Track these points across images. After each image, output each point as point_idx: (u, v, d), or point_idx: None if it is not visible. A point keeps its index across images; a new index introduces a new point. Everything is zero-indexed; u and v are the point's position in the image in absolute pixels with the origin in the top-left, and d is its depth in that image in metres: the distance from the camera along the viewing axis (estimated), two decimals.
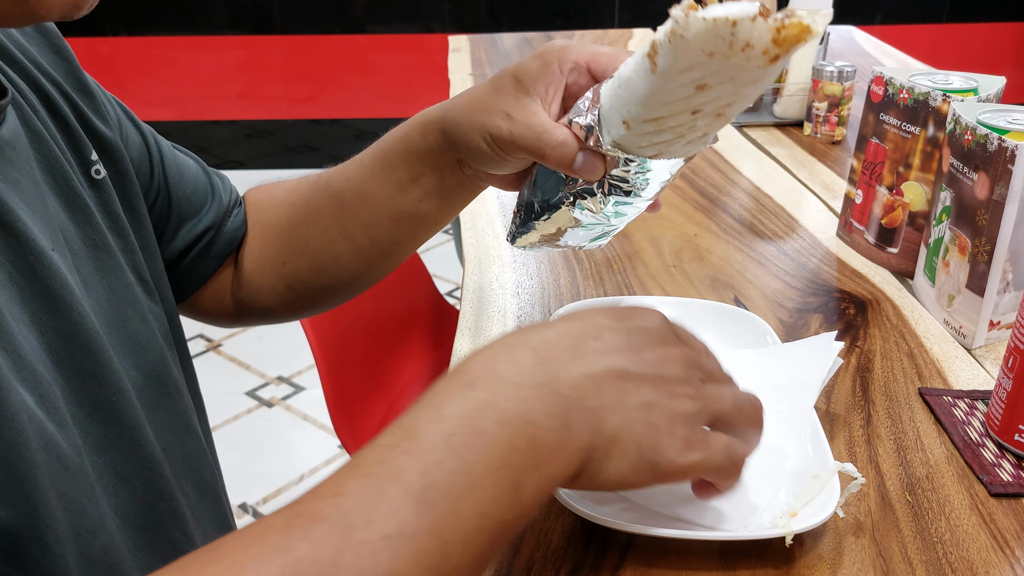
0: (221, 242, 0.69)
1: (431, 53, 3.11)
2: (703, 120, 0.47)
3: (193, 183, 0.67)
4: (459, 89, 1.58)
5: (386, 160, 0.63)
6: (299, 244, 0.68)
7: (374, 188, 0.64)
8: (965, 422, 0.66)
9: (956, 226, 0.77)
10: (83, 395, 0.46)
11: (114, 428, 0.48)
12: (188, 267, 0.68)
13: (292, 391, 2.16)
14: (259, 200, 0.72)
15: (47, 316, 0.45)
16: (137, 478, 0.49)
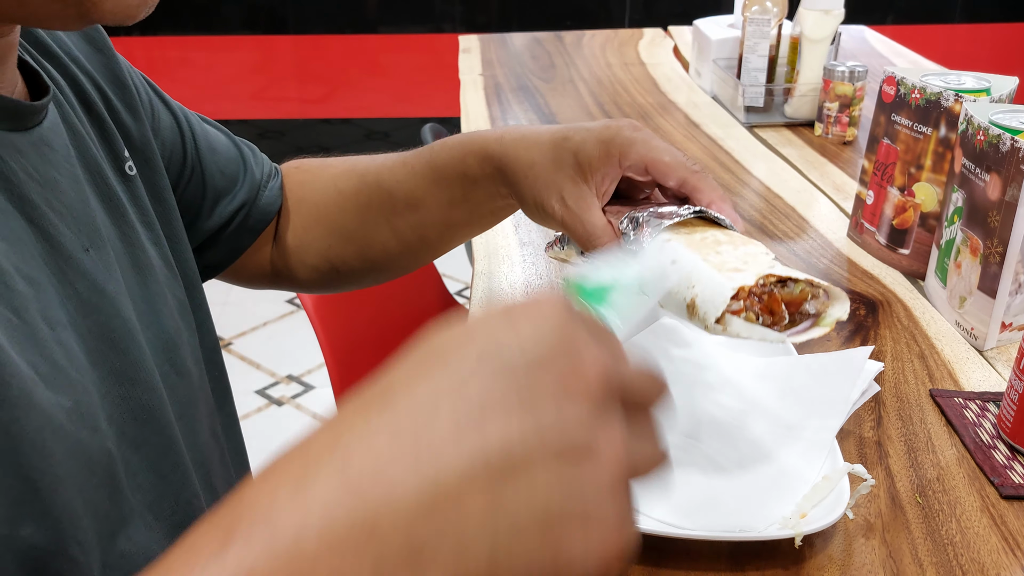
0: (256, 216, 0.70)
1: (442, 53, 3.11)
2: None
3: (225, 156, 0.68)
4: (469, 90, 1.58)
5: (439, 175, 0.65)
6: (347, 231, 0.70)
7: (426, 197, 0.66)
8: (976, 424, 0.66)
9: (968, 227, 0.77)
10: (118, 394, 0.46)
11: (148, 426, 0.48)
12: (225, 241, 0.69)
13: (302, 390, 2.17)
14: (303, 179, 0.73)
15: (81, 318, 0.45)
16: (173, 474, 0.49)
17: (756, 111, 1.39)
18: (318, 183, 0.72)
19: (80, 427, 0.41)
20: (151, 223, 0.56)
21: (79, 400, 0.42)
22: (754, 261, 0.48)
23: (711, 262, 0.48)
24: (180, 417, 0.52)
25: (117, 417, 0.46)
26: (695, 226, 0.53)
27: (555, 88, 1.58)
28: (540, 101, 1.51)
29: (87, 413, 0.42)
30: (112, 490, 0.43)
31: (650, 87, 1.57)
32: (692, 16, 1.70)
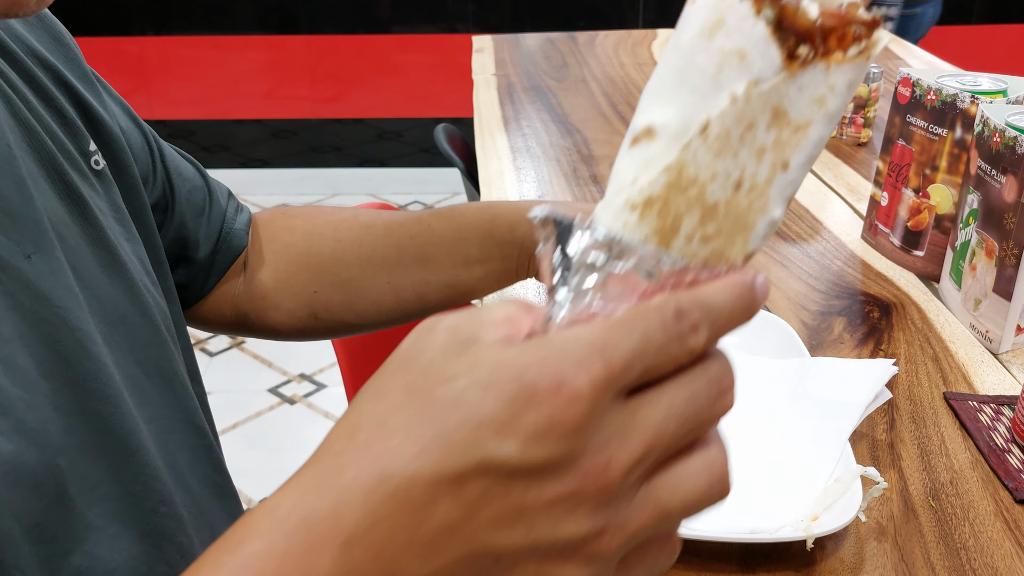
0: (222, 251, 0.67)
1: (455, 54, 3.12)
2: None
3: (191, 183, 0.66)
4: (482, 90, 1.58)
5: (462, 234, 0.64)
6: (340, 281, 0.68)
7: (440, 255, 0.65)
8: (991, 427, 0.65)
9: (983, 229, 0.76)
10: (74, 406, 0.44)
11: (106, 436, 0.46)
12: (193, 274, 0.67)
13: (314, 388, 2.18)
14: (292, 224, 0.71)
15: (27, 328, 0.43)
16: (134, 483, 0.47)
17: None
18: (313, 229, 0.70)
19: (23, 448, 0.39)
20: (124, 221, 0.54)
21: (22, 419, 0.40)
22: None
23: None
24: (151, 420, 0.50)
25: (76, 428, 0.44)
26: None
27: (568, 88, 1.58)
28: (553, 101, 1.51)
29: (33, 431, 0.40)
30: (61, 509, 0.42)
31: None
32: None
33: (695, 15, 0.26)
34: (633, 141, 0.27)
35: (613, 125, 1.38)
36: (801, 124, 0.26)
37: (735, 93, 0.25)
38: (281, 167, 3.34)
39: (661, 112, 0.27)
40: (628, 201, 0.27)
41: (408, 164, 3.36)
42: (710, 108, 0.26)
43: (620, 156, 0.28)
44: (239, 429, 2.00)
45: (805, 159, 0.27)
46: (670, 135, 0.27)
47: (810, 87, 0.25)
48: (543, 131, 1.36)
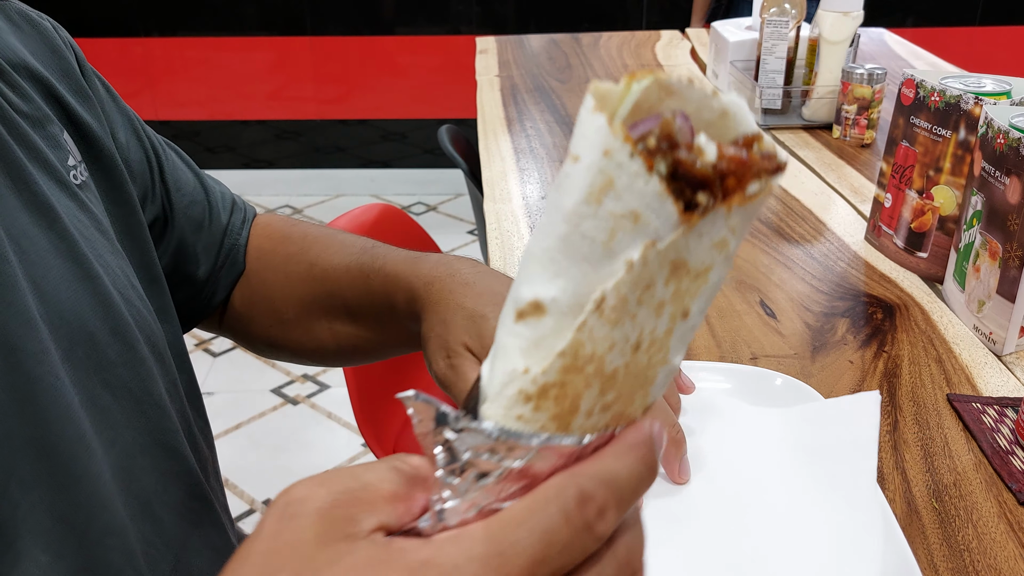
0: (227, 271, 0.67)
1: (459, 55, 3.12)
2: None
3: (190, 196, 0.65)
4: (486, 91, 1.58)
5: (373, 298, 0.61)
6: (286, 320, 0.67)
7: (364, 313, 0.63)
8: (994, 429, 0.65)
9: (987, 231, 0.76)
10: (11, 430, 0.42)
11: (44, 463, 0.44)
12: (192, 295, 0.66)
13: (317, 389, 2.18)
14: (262, 249, 0.70)
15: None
16: (75, 513, 0.44)
17: (773, 113, 1.39)
18: (273, 260, 0.68)
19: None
20: (106, 234, 0.52)
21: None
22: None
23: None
24: (112, 443, 0.48)
25: (10, 453, 0.42)
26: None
27: (571, 89, 1.58)
28: (556, 102, 1.51)
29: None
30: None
31: None
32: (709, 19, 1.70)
33: (578, 177, 0.23)
34: (519, 315, 0.25)
35: None
36: (701, 271, 0.24)
37: (631, 260, 0.23)
38: (285, 168, 3.34)
39: (548, 286, 0.24)
40: (521, 393, 0.25)
41: (412, 165, 3.36)
42: (604, 278, 0.23)
43: (503, 329, 0.25)
44: (242, 429, 2.00)
45: (705, 303, 0.25)
46: (560, 312, 0.24)
47: (710, 233, 0.23)
48: (546, 132, 1.36)
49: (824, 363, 0.76)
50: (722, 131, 0.24)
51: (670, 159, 0.23)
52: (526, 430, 0.25)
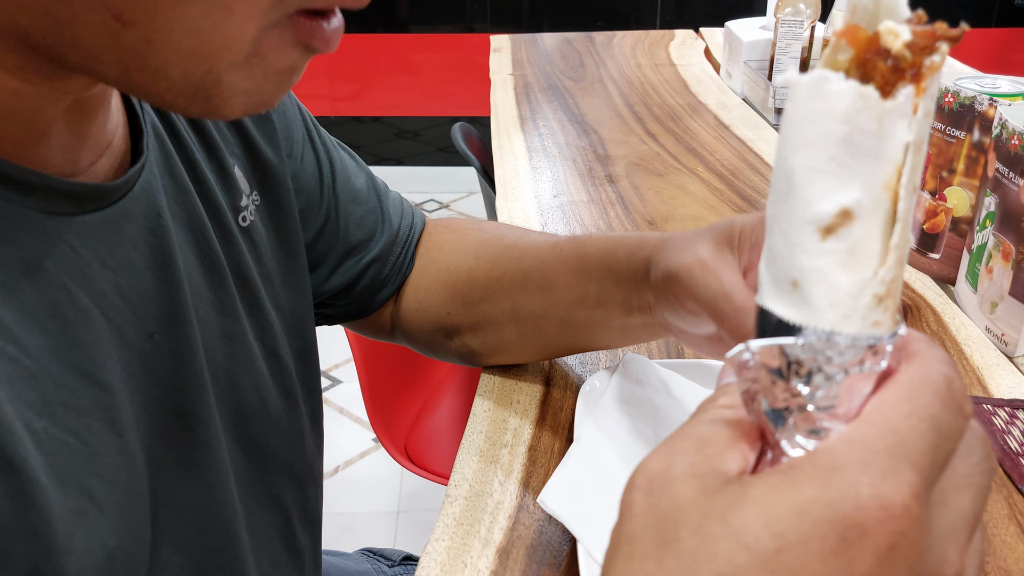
0: (390, 283, 0.67)
1: (472, 53, 3.12)
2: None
3: (364, 207, 0.65)
4: (499, 89, 1.59)
5: (583, 264, 0.57)
6: (469, 302, 0.64)
7: (559, 284, 0.59)
8: (1005, 431, 0.65)
9: (1000, 232, 0.76)
10: (184, 498, 0.43)
11: (196, 526, 0.43)
12: (352, 300, 0.66)
13: (329, 384, 2.19)
14: (445, 239, 0.69)
15: (141, 412, 0.40)
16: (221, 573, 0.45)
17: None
18: (461, 244, 0.67)
19: (123, 540, 0.37)
20: (266, 273, 0.52)
21: (121, 510, 0.37)
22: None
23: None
24: (241, 502, 0.48)
25: (169, 517, 0.42)
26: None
27: (584, 88, 1.58)
28: (570, 101, 1.51)
29: (130, 519, 0.38)
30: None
31: (680, 88, 1.57)
32: (723, 18, 1.70)
33: (840, 81, 0.24)
34: (826, 231, 0.24)
35: (629, 125, 1.38)
36: (921, 143, 0.25)
37: (907, 141, 0.24)
38: None
39: (847, 191, 0.24)
40: (875, 297, 0.25)
41: (425, 163, 3.37)
42: (886, 167, 0.24)
43: (805, 255, 0.25)
44: None
45: (919, 178, 0.26)
46: (866, 212, 0.24)
47: (927, 103, 0.25)
48: (559, 131, 1.36)
49: None
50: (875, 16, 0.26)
51: (885, 58, 0.24)
52: (882, 332, 0.25)
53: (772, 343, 0.25)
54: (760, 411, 0.26)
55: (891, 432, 0.24)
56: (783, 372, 0.25)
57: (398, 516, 1.80)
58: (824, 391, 0.25)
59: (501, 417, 0.67)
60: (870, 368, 0.25)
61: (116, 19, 0.30)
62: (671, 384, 0.67)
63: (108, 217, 0.39)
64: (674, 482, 0.25)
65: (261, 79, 0.34)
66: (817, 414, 0.25)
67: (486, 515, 0.58)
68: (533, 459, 0.63)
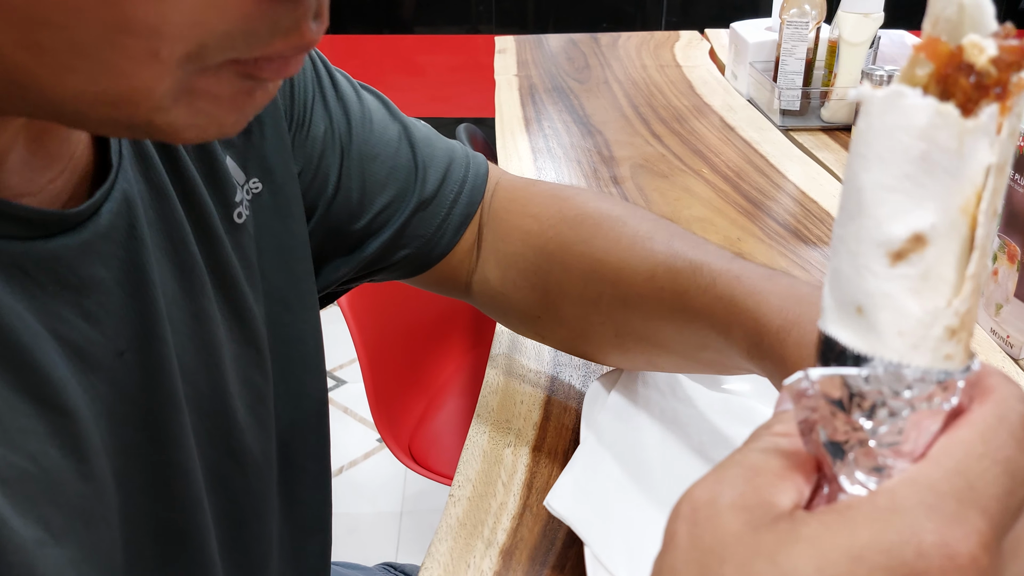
0: (445, 237, 0.59)
1: (477, 54, 3.12)
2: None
3: (388, 165, 0.58)
4: (504, 90, 1.59)
5: (722, 328, 0.50)
6: (561, 316, 0.59)
7: (681, 331, 0.52)
8: None
9: (1006, 234, 0.76)
10: (155, 518, 0.41)
11: (171, 546, 0.42)
12: (405, 260, 0.60)
13: (334, 384, 2.19)
14: (528, 227, 0.60)
15: (109, 434, 0.39)
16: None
17: (792, 114, 1.38)
18: (543, 243, 0.59)
19: (88, 570, 0.36)
20: (260, 270, 0.50)
21: (92, 537, 0.36)
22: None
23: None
24: (224, 514, 0.46)
25: (141, 538, 0.41)
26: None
27: (589, 89, 1.58)
28: (574, 102, 1.51)
29: (95, 546, 0.37)
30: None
31: (685, 89, 1.57)
32: (729, 19, 1.70)
33: (917, 98, 0.23)
34: (897, 256, 0.23)
35: (634, 127, 1.38)
36: (1002, 164, 0.23)
37: (988, 163, 0.23)
38: None
39: (921, 213, 0.23)
40: (947, 330, 0.23)
41: None
42: (964, 187, 0.23)
43: (874, 280, 0.23)
44: None
45: (1000, 201, 0.24)
46: (940, 236, 0.23)
47: (1012, 124, 0.23)
48: (564, 132, 1.36)
49: None
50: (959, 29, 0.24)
51: (969, 74, 0.23)
52: (954, 366, 0.24)
53: (834, 372, 0.24)
54: (818, 442, 0.25)
55: (960, 474, 0.22)
56: (844, 404, 0.24)
57: (402, 517, 1.80)
58: (888, 427, 0.24)
59: (505, 418, 0.67)
60: (939, 405, 0.24)
61: (9, 82, 0.29)
62: (677, 386, 0.67)
63: (73, 240, 0.37)
64: (720, 513, 0.24)
65: (212, 110, 0.31)
66: (880, 450, 0.24)
67: (490, 516, 0.58)
68: (537, 460, 0.63)
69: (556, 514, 0.53)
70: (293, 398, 0.54)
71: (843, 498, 0.24)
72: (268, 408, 0.51)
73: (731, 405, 0.65)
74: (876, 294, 0.23)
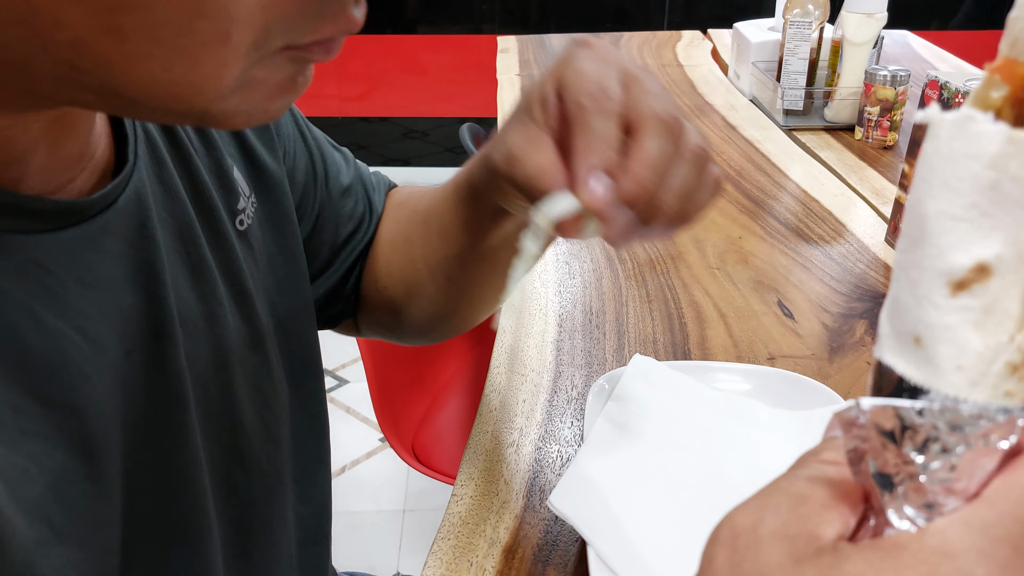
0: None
1: (480, 54, 3.13)
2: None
3: (354, 198, 0.63)
4: (507, 90, 1.59)
5: (457, 192, 0.55)
6: (394, 268, 0.62)
7: (447, 221, 0.56)
8: None
9: None
10: (160, 523, 0.41)
11: (173, 549, 0.42)
12: (346, 299, 0.64)
13: (336, 384, 2.19)
14: (385, 215, 0.66)
15: (119, 435, 0.38)
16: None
17: (795, 114, 1.38)
18: (390, 214, 0.65)
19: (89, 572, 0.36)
20: (262, 280, 0.51)
21: (99, 545, 0.37)
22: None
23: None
24: (232, 521, 0.46)
25: (141, 541, 0.40)
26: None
27: None
28: None
29: (102, 550, 0.37)
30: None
31: (687, 89, 1.57)
32: (731, 19, 1.70)
33: (988, 125, 0.22)
34: (958, 286, 0.22)
35: None
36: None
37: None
38: None
39: (987, 244, 0.22)
40: (1008, 365, 0.22)
41: (433, 163, 3.37)
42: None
43: (934, 311, 0.23)
44: None
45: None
46: (1007, 268, 0.22)
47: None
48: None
49: (842, 364, 0.76)
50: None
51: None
52: (1016, 404, 0.23)
53: (887, 403, 0.23)
54: (867, 473, 0.24)
55: (1016, 520, 0.21)
56: (896, 436, 0.23)
57: (404, 515, 1.80)
58: (941, 463, 0.23)
59: (508, 417, 0.67)
60: (996, 443, 0.23)
61: (72, 68, 0.29)
62: (679, 385, 0.67)
63: (85, 233, 0.37)
64: (762, 542, 0.23)
65: (260, 98, 0.33)
66: (931, 487, 0.23)
67: (492, 514, 0.58)
68: (539, 459, 0.63)
69: (558, 513, 0.53)
70: (296, 407, 0.55)
71: (890, 533, 0.23)
72: (275, 415, 0.51)
73: (732, 404, 0.65)
74: (936, 325, 0.23)
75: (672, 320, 0.82)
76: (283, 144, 0.57)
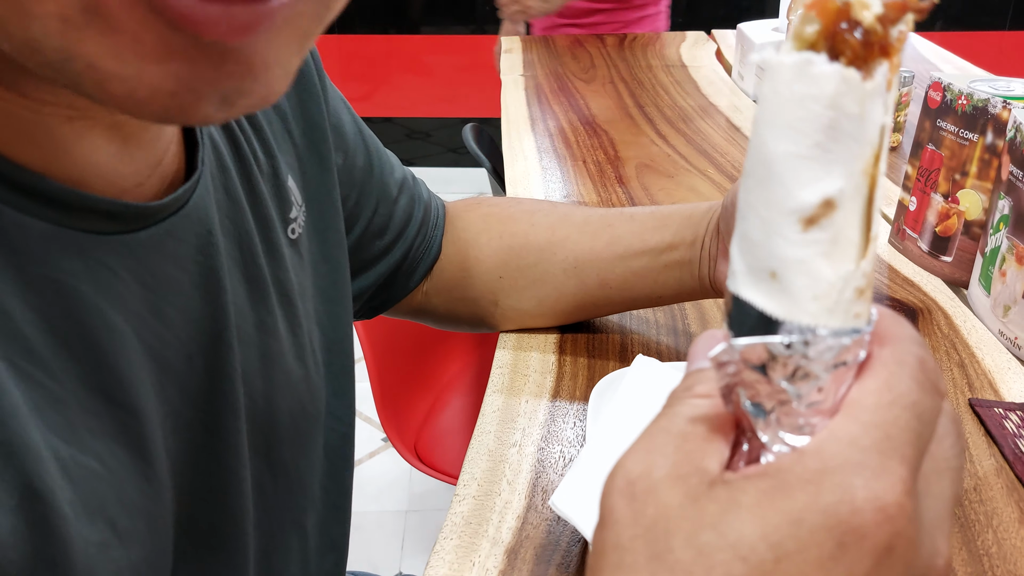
0: (421, 265, 0.70)
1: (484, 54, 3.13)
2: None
3: (405, 199, 0.68)
4: (510, 90, 1.59)
5: (661, 221, 0.66)
6: (525, 264, 0.69)
7: (630, 237, 0.66)
8: (1016, 435, 0.65)
9: (1014, 235, 0.76)
10: (193, 520, 0.41)
11: (213, 552, 0.43)
12: (379, 294, 0.69)
13: None
14: (489, 213, 0.72)
15: (173, 436, 0.39)
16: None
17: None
18: (511, 214, 0.72)
19: (139, 565, 0.36)
20: (308, 289, 0.51)
21: (155, 547, 0.37)
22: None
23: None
24: (257, 525, 0.47)
25: (188, 541, 0.41)
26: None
27: (595, 89, 1.58)
28: (580, 102, 1.51)
29: (149, 569, 0.37)
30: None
31: (691, 89, 1.57)
32: (735, 20, 1.70)
33: (825, 65, 0.23)
34: (808, 222, 0.23)
35: (640, 127, 1.38)
36: (890, 123, 0.24)
37: (883, 123, 0.23)
38: None
39: (830, 180, 0.23)
40: (856, 291, 0.24)
41: (436, 164, 3.37)
42: (864, 149, 0.23)
43: (787, 246, 0.24)
44: None
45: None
46: (847, 199, 0.24)
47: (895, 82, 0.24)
48: (570, 132, 1.36)
49: None
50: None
51: (856, 32, 0.23)
52: (862, 323, 0.25)
53: (755, 342, 0.25)
54: (739, 404, 0.25)
55: (877, 427, 0.23)
56: (766, 369, 0.25)
57: (407, 515, 1.80)
58: (809, 387, 0.25)
59: (510, 417, 0.67)
60: (853, 361, 0.25)
61: None
62: None
63: (152, 236, 0.37)
64: (657, 486, 0.24)
65: (134, 60, 0.25)
66: (801, 410, 0.25)
67: (495, 514, 0.58)
68: (542, 459, 0.63)
69: (561, 513, 0.53)
70: (328, 417, 0.56)
71: (768, 457, 0.25)
72: (310, 424, 0.52)
73: None
74: (790, 260, 0.24)
75: (675, 321, 0.81)
76: (345, 144, 0.59)
